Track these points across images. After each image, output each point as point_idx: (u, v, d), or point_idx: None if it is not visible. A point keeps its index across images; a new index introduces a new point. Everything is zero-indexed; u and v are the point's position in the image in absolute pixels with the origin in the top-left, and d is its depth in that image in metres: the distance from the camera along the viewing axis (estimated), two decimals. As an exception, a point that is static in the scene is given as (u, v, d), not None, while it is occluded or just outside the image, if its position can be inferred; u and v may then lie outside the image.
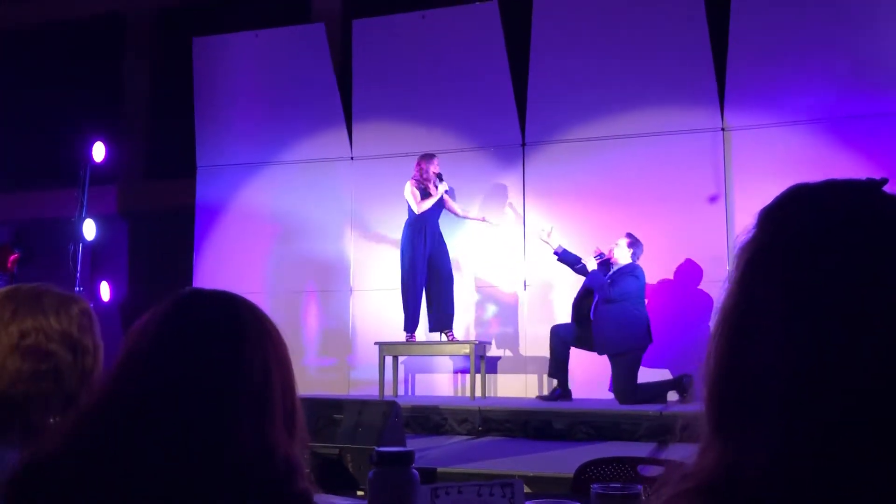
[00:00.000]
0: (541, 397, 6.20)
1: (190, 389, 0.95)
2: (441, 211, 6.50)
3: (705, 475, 0.62)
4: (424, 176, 6.40)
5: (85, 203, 7.11)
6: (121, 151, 8.25)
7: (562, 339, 6.02)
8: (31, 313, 1.34)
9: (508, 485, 1.69)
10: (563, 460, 4.09)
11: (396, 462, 1.43)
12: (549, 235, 6.28)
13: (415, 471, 1.46)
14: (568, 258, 6.23)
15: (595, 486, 1.45)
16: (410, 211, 6.37)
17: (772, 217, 0.69)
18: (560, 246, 6.27)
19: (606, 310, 5.83)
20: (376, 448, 1.49)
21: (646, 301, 6.04)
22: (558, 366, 6.04)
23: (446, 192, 6.47)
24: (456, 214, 6.68)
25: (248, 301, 1.07)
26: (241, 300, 1.07)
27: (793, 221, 0.67)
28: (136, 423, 0.93)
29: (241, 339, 1.00)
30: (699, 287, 6.45)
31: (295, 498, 0.94)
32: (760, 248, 0.67)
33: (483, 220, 6.80)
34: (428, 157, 6.49)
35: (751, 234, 0.70)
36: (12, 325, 1.32)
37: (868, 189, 0.66)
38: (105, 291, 7.51)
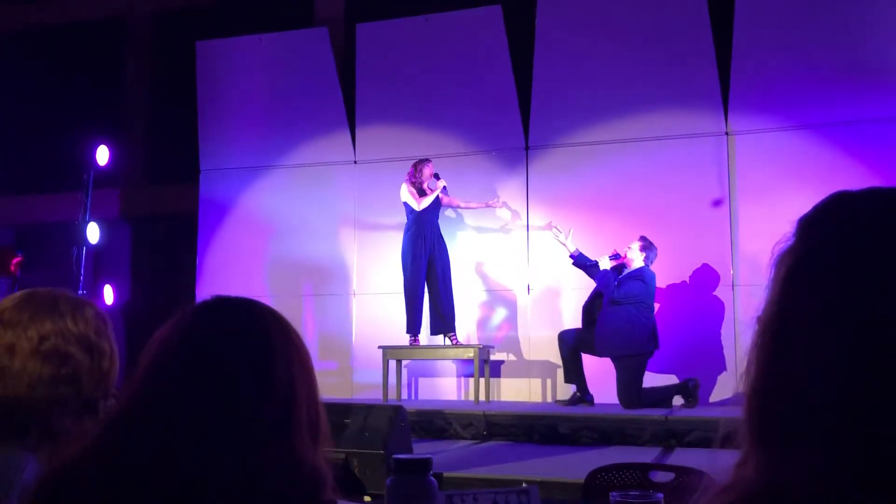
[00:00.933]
0: (560, 402, 6.16)
1: (217, 400, 0.94)
2: (440, 212, 6.48)
3: (745, 488, 0.61)
4: (420, 177, 6.40)
5: (88, 206, 7.10)
6: (124, 155, 8.25)
7: (567, 345, 6.00)
8: (49, 316, 1.34)
9: (524, 492, 1.68)
10: (571, 465, 4.08)
11: (415, 470, 1.42)
12: (567, 237, 6.23)
13: (433, 478, 1.45)
14: (583, 262, 6.19)
15: (614, 494, 1.43)
16: (409, 214, 6.36)
17: (814, 225, 0.68)
18: (577, 249, 6.23)
19: (610, 312, 5.81)
20: (394, 455, 1.48)
21: (655, 306, 6.02)
22: (571, 372, 6.02)
23: (443, 188, 6.45)
24: (458, 207, 6.66)
25: (272, 309, 1.06)
26: (265, 308, 1.06)
27: (836, 230, 0.65)
28: (162, 435, 0.92)
29: (267, 349, 0.99)
30: (710, 292, 6.44)
31: None
32: (803, 257, 0.65)
33: (486, 205, 6.74)
34: (423, 161, 6.51)
35: (790, 243, 0.69)
36: (31, 329, 1.32)
37: None
38: (108, 295, 7.50)
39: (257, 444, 0.93)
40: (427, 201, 6.31)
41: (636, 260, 5.95)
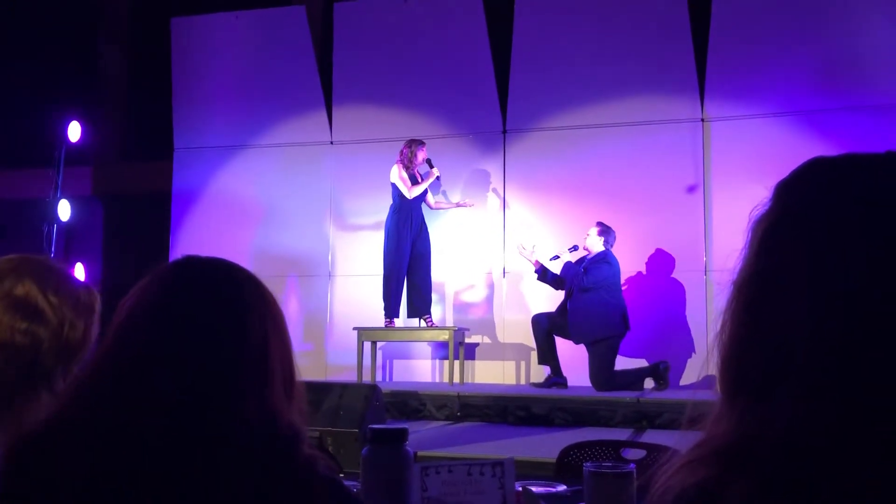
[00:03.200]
0: (534, 384, 6.19)
1: (191, 357, 0.94)
2: (425, 196, 6.47)
3: (719, 441, 0.62)
4: (413, 161, 6.35)
5: (60, 183, 7.00)
6: (97, 132, 8.13)
7: (542, 329, 6.04)
8: (31, 275, 1.34)
9: (499, 464, 1.69)
10: (544, 445, 4.12)
11: (391, 440, 1.43)
12: (531, 253, 6.15)
13: (408, 448, 1.46)
14: (547, 276, 6.11)
15: (588, 464, 1.45)
16: (396, 196, 6.32)
17: (790, 189, 0.69)
18: (538, 262, 6.13)
19: (581, 299, 5.85)
20: (370, 426, 1.49)
21: (623, 287, 6.08)
22: (545, 354, 6.06)
23: (437, 178, 6.41)
24: (429, 206, 6.56)
25: (245, 269, 1.07)
26: (238, 268, 1.06)
27: (812, 193, 0.66)
28: (137, 392, 0.92)
29: (241, 305, 1.00)
30: (683, 277, 6.50)
31: (301, 464, 0.94)
32: (779, 220, 0.67)
33: (457, 205, 6.72)
34: (418, 143, 6.38)
35: (767, 207, 0.70)
36: (9, 279, 1.32)
37: (888, 161, 0.66)
38: (79, 273, 7.41)
39: (233, 399, 0.93)
40: (417, 190, 6.27)
41: (596, 245, 5.98)
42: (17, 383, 1.27)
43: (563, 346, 6.08)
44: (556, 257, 6.06)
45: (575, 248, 6.07)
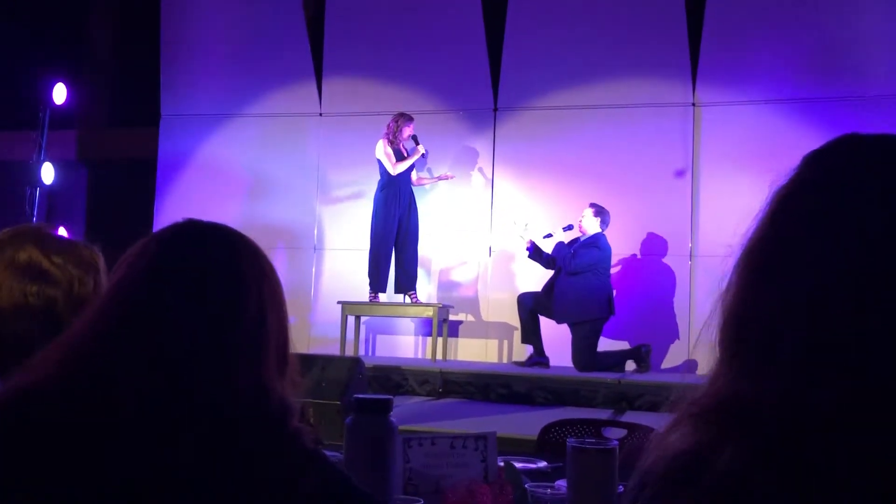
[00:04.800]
0: (517, 363, 6.20)
1: (184, 323, 0.92)
2: (409, 173, 6.44)
3: (715, 397, 0.62)
4: (399, 136, 6.31)
5: (44, 146, 6.92)
6: (83, 95, 8.02)
7: (526, 308, 6.05)
8: (31, 240, 1.36)
9: (482, 437, 1.70)
10: (525, 422, 4.14)
11: (376, 409, 1.43)
12: (524, 230, 6.13)
13: (393, 419, 1.46)
14: (541, 256, 6.10)
15: (571, 440, 1.46)
16: (383, 172, 6.29)
17: (820, 160, 0.69)
18: (531, 241, 6.11)
19: (568, 281, 5.86)
20: (355, 395, 1.48)
21: (611, 271, 6.09)
22: (528, 334, 6.08)
23: (423, 155, 6.39)
24: (411, 182, 6.48)
25: (246, 237, 1.05)
26: (239, 235, 1.04)
27: (841, 166, 0.66)
28: (128, 359, 0.91)
29: (239, 275, 0.98)
30: (668, 262, 6.53)
31: (289, 437, 0.93)
32: (801, 187, 0.66)
33: (438, 178, 6.66)
34: (406, 119, 6.32)
35: (790, 175, 0.70)
36: (9, 248, 1.32)
37: None
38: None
39: (226, 371, 0.92)
40: (402, 167, 6.23)
41: (591, 227, 5.98)
42: (43, 341, 1.28)
43: (546, 325, 6.10)
44: (550, 235, 6.05)
45: (570, 227, 6.06)
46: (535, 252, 6.12)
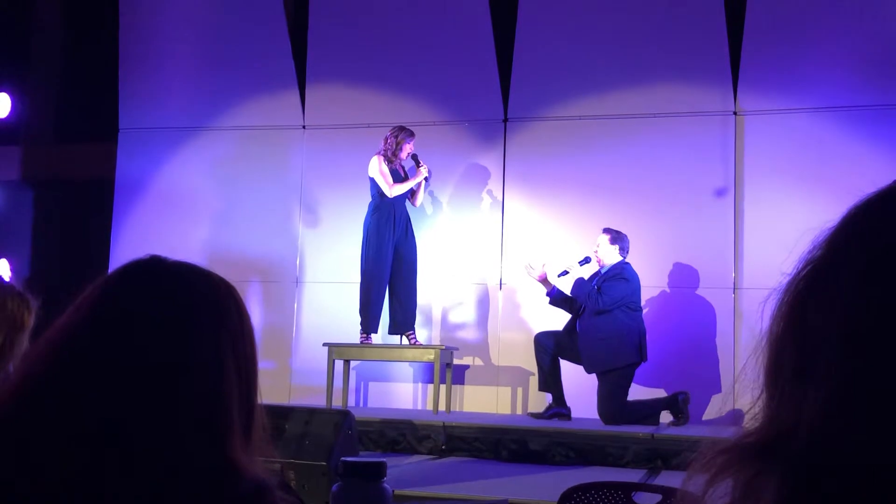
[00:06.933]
0: (533, 415, 6.18)
1: (119, 384, 0.90)
2: (408, 196, 6.46)
3: (754, 436, 0.66)
4: (398, 154, 6.33)
5: (-17, 166, 6.96)
6: (29, 106, 8.09)
7: (546, 351, 6.04)
8: None
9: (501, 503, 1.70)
10: (542, 486, 4.12)
11: (367, 475, 1.42)
12: (542, 273, 6.08)
13: (387, 485, 1.46)
14: (561, 297, 6.08)
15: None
16: (375, 193, 6.32)
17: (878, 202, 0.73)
18: (552, 285, 6.10)
19: (594, 321, 5.84)
20: (342, 458, 1.48)
21: (643, 309, 6.08)
22: (548, 380, 6.06)
23: (425, 179, 6.40)
24: (412, 204, 6.51)
25: (212, 275, 1.04)
26: (200, 274, 1.03)
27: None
28: (50, 423, 0.88)
29: (190, 324, 0.96)
30: (708, 295, 6.52)
31: None
32: (848, 218, 0.71)
33: (419, 175, 6.36)
34: (406, 134, 6.34)
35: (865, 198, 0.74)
36: None
37: None
38: (4, 270, 7.37)
39: (171, 444, 0.89)
40: (399, 189, 6.26)
41: (610, 255, 5.99)
42: None
43: (567, 370, 6.09)
44: (565, 272, 6.05)
45: (587, 260, 6.06)
46: (555, 297, 6.11)
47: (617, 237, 6.00)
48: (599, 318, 5.82)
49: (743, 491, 0.65)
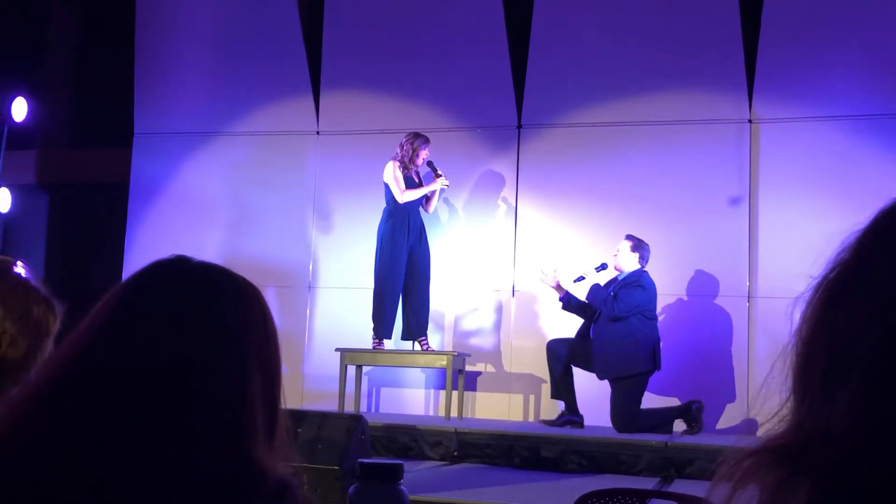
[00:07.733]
0: (545, 422, 6.17)
1: (143, 386, 0.91)
2: (422, 202, 6.46)
3: (783, 439, 0.66)
4: (413, 160, 6.33)
5: (0, 169, 7.01)
6: (45, 111, 8.14)
7: (559, 358, 6.03)
8: None
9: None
10: (554, 493, 4.12)
11: (385, 477, 1.43)
12: (554, 279, 6.08)
13: (404, 488, 1.46)
14: (571, 304, 6.09)
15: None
16: (390, 199, 6.33)
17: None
18: (565, 291, 6.11)
19: (608, 328, 5.84)
20: (360, 460, 1.49)
21: (659, 317, 6.07)
22: (560, 387, 6.05)
23: (442, 190, 6.40)
24: (425, 210, 6.52)
25: (238, 277, 1.04)
26: (225, 276, 1.03)
27: None
28: (76, 420, 0.89)
29: (215, 328, 0.97)
30: (722, 304, 6.50)
31: None
32: (880, 220, 0.70)
33: (437, 185, 6.33)
34: (422, 140, 6.34)
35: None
36: None
37: None
38: (29, 272, 7.39)
39: (195, 446, 0.90)
40: (412, 196, 6.25)
41: (629, 263, 5.98)
42: None
43: (580, 379, 6.07)
44: (582, 278, 6.04)
45: (604, 266, 6.05)
46: (567, 302, 6.11)
47: (639, 245, 5.99)
48: (615, 324, 5.82)
49: (771, 494, 0.64)
